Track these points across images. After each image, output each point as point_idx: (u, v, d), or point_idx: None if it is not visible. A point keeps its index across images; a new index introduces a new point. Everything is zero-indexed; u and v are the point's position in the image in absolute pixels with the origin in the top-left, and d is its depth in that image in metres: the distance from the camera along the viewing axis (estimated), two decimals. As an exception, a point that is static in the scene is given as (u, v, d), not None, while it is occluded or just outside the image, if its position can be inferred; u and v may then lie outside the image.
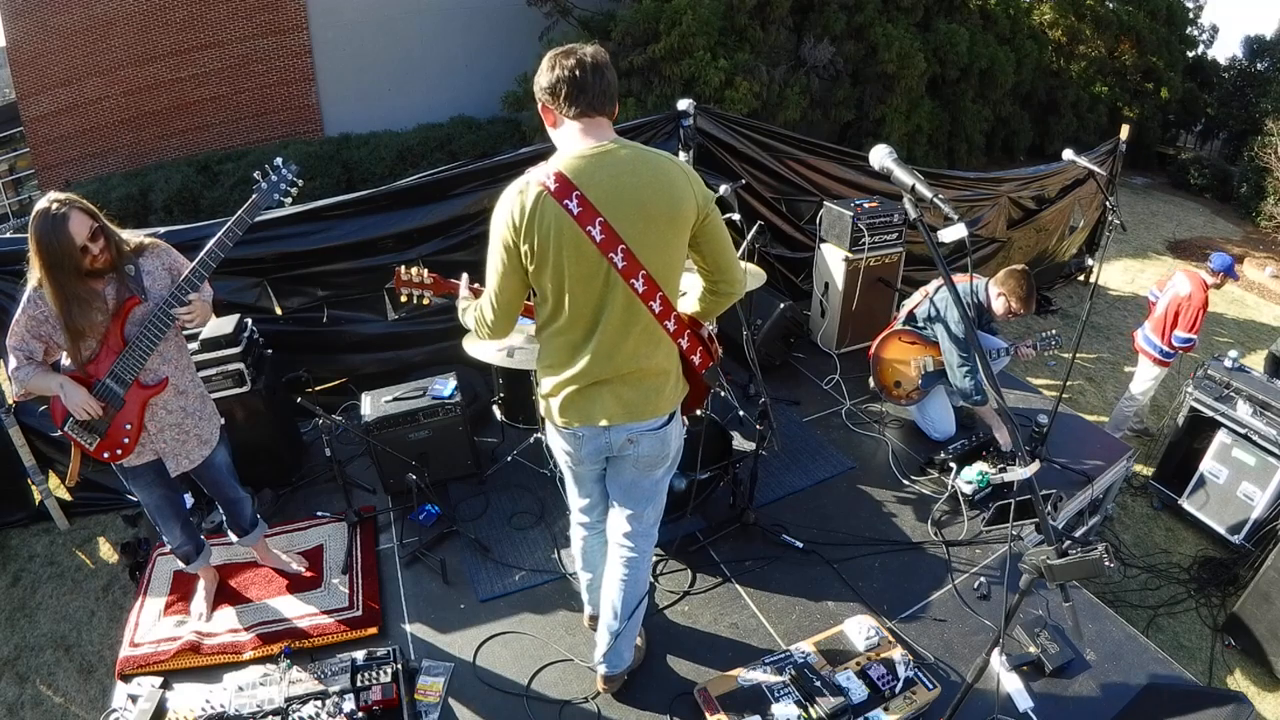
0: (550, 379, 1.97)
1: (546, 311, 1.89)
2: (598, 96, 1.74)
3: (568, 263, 1.76)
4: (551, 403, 2.00)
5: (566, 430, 2.03)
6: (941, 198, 1.44)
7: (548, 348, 1.96)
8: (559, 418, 2.00)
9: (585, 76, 1.71)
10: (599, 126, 1.78)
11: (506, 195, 1.77)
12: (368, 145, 9.92)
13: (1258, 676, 3.27)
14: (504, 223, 1.77)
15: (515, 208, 1.74)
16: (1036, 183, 6.30)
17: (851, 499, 3.43)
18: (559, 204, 1.71)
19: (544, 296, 1.86)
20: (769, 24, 9.64)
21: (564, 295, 1.82)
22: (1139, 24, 12.57)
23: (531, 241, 1.74)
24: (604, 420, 1.95)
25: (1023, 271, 3.44)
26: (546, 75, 1.75)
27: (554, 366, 1.95)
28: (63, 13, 9.62)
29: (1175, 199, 11.93)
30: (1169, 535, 4.13)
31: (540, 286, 1.84)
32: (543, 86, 1.76)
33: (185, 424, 2.42)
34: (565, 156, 1.75)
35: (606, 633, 2.34)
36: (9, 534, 3.87)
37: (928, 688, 2.42)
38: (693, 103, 4.41)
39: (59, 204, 2.02)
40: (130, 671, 2.54)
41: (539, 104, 1.81)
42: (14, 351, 2.17)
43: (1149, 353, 4.51)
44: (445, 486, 3.43)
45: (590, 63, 1.73)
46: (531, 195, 1.72)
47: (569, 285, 1.80)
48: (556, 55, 1.74)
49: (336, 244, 3.87)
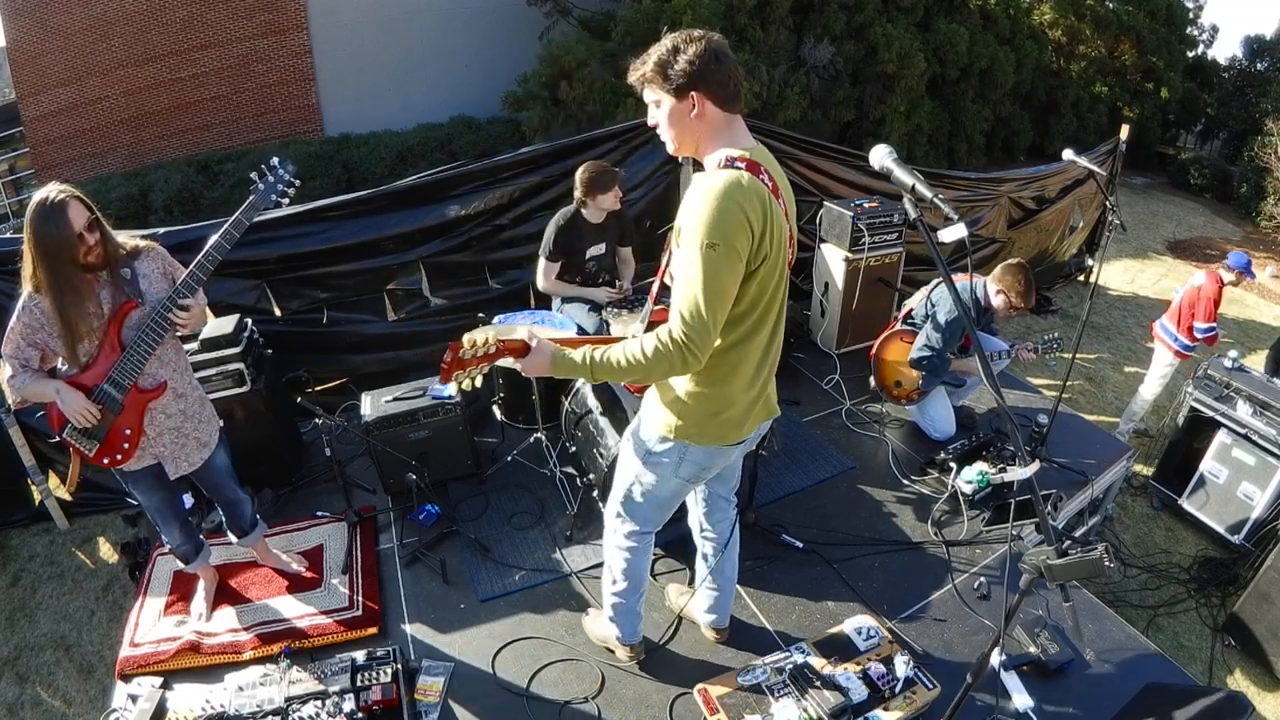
0: (732, 391, 1.81)
1: (746, 318, 1.73)
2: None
3: (778, 255, 1.69)
4: (726, 419, 1.85)
5: (733, 445, 1.92)
6: (941, 198, 1.44)
7: (732, 359, 1.77)
8: (736, 434, 1.88)
9: (741, 71, 1.68)
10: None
11: (726, 194, 1.55)
12: (368, 145, 9.92)
13: (1258, 676, 3.26)
14: (738, 224, 1.55)
15: (751, 203, 1.57)
16: (1036, 183, 6.30)
17: (851, 499, 3.43)
18: (772, 195, 1.64)
19: (747, 303, 1.70)
20: (769, 24, 9.64)
21: (764, 294, 1.71)
22: (1139, 24, 12.57)
23: (765, 236, 1.61)
24: (767, 417, 1.95)
25: (1019, 265, 3.43)
26: (715, 67, 1.61)
27: (739, 378, 1.80)
28: (63, 13, 9.63)
29: (1175, 199, 11.93)
30: (1169, 535, 4.13)
31: (746, 291, 1.68)
32: (711, 82, 1.63)
33: (184, 427, 2.41)
34: (739, 149, 1.67)
35: (726, 594, 2.53)
36: (9, 534, 3.87)
37: (928, 688, 2.42)
38: (693, 103, 4.40)
39: (58, 192, 2.03)
40: (130, 671, 2.54)
41: (687, 96, 1.63)
42: (10, 360, 2.16)
43: (1165, 340, 4.57)
44: (445, 486, 3.43)
45: (732, 55, 1.67)
46: (757, 186, 1.60)
47: (774, 280, 1.71)
48: (709, 44, 1.62)
49: (336, 245, 3.87)
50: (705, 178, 1.62)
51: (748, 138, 1.74)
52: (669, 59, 1.63)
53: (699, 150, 1.72)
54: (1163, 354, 4.61)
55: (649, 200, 4.57)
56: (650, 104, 1.73)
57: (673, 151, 1.77)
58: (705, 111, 1.66)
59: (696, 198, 1.59)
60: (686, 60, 1.60)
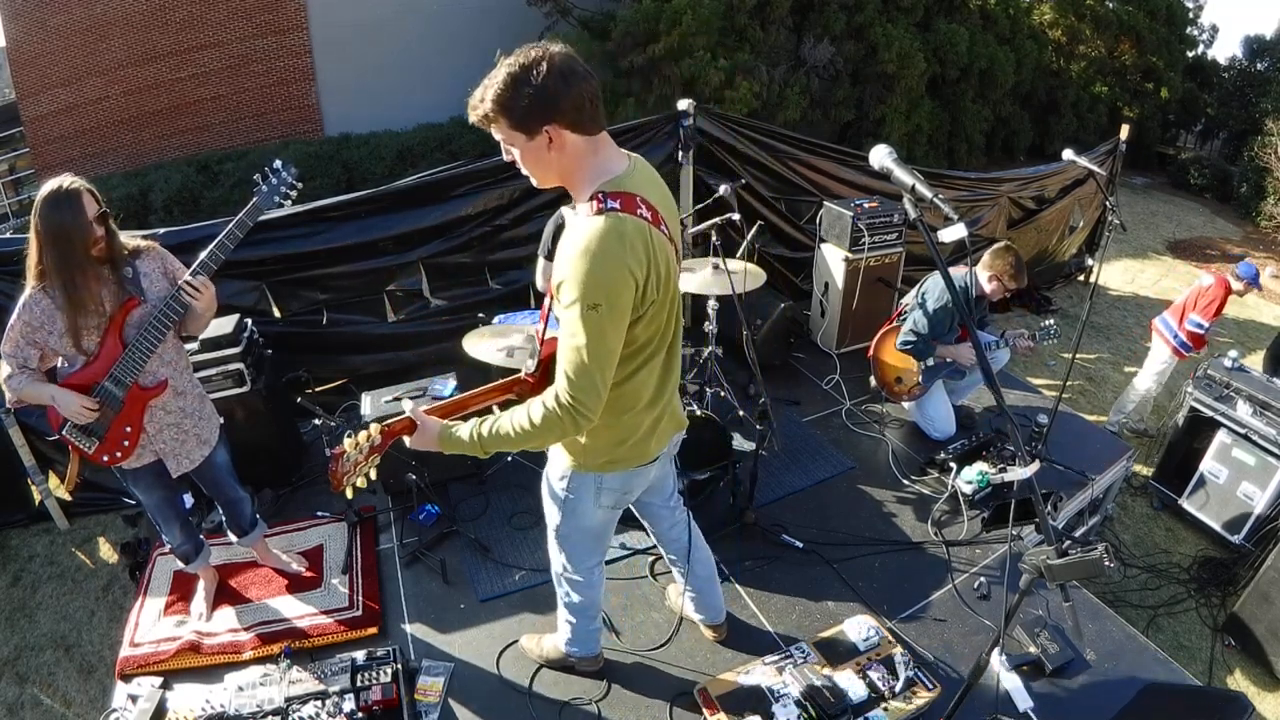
0: (635, 418, 1.76)
1: (641, 353, 1.66)
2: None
3: (667, 287, 1.61)
4: (634, 443, 1.80)
5: (649, 464, 1.89)
6: (941, 198, 1.44)
7: (632, 389, 1.71)
8: (647, 454, 1.85)
9: (596, 82, 1.50)
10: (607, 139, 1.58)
11: (606, 252, 1.44)
12: (368, 145, 9.92)
13: (1258, 676, 3.26)
14: (621, 281, 1.47)
15: (634, 254, 1.47)
16: (1036, 183, 6.30)
17: (851, 499, 3.43)
18: (653, 226, 1.53)
19: (640, 342, 1.64)
20: (769, 24, 9.65)
21: (657, 328, 1.65)
22: (1139, 24, 12.57)
23: (650, 280, 1.53)
24: (676, 429, 1.91)
25: (1006, 247, 3.45)
26: (563, 92, 1.42)
27: (640, 404, 1.75)
28: (63, 13, 9.63)
29: (1175, 199, 11.93)
30: (1169, 535, 4.13)
31: (636, 334, 1.61)
32: (564, 110, 1.44)
33: (184, 424, 2.42)
34: (611, 176, 1.55)
35: (708, 594, 2.55)
36: (9, 534, 3.87)
37: (928, 688, 2.42)
38: (692, 103, 4.40)
39: (72, 182, 2.05)
40: (130, 671, 2.54)
41: (539, 131, 1.45)
42: (8, 359, 2.16)
43: (1165, 336, 4.58)
44: (445, 486, 3.43)
45: (584, 66, 1.48)
46: (638, 229, 1.49)
47: (665, 312, 1.65)
48: (552, 64, 1.42)
49: (336, 245, 3.86)
50: (582, 230, 1.47)
51: (619, 158, 1.59)
52: (508, 93, 1.43)
53: (566, 184, 1.58)
54: (1160, 350, 4.63)
55: (649, 200, 4.56)
56: (501, 143, 1.55)
57: (539, 186, 1.62)
58: (564, 143, 1.48)
59: (576, 256, 1.45)
60: (530, 91, 1.41)
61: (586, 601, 2.28)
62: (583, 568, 2.16)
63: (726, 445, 3.19)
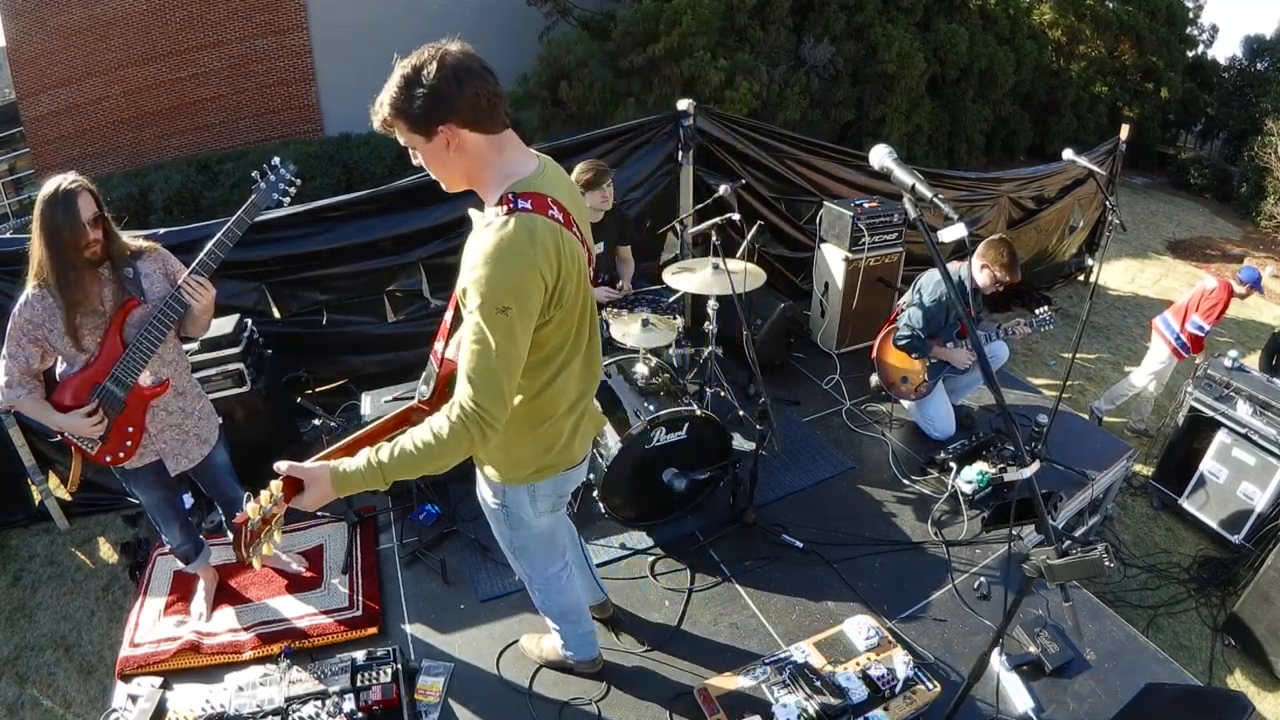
0: (556, 426, 1.74)
1: (555, 358, 1.64)
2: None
3: (579, 289, 1.59)
4: (560, 448, 1.79)
5: (578, 467, 1.88)
6: (941, 198, 1.44)
7: (549, 397, 1.69)
8: (573, 457, 1.83)
9: (495, 80, 1.46)
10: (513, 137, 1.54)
11: (515, 254, 1.41)
12: (368, 145, 9.91)
13: (1258, 676, 3.26)
14: (532, 283, 1.44)
15: (545, 256, 1.45)
16: (1036, 183, 6.30)
17: (851, 499, 3.43)
18: (565, 228, 1.51)
19: (552, 346, 1.61)
20: (769, 24, 9.65)
21: (569, 331, 1.63)
22: (1139, 24, 12.58)
23: (560, 281, 1.50)
24: (596, 428, 1.90)
25: (1000, 239, 3.44)
26: (456, 91, 1.40)
27: (560, 410, 1.73)
28: (63, 13, 9.63)
29: (1175, 199, 11.93)
30: (1169, 535, 4.13)
31: (548, 337, 1.59)
32: (459, 109, 1.41)
33: (185, 424, 2.42)
34: (519, 176, 1.52)
35: (587, 574, 2.54)
36: (9, 534, 3.87)
37: (928, 688, 2.42)
38: (692, 103, 4.40)
39: (71, 181, 2.05)
40: (130, 671, 2.54)
41: (436, 132, 1.43)
42: (7, 359, 2.16)
43: (1165, 335, 4.61)
44: (445, 486, 3.43)
45: (481, 63, 1.45)
46: (549, 230, 1.47)
47: (577, 313, 1.63)
48: (445, 62, 1.40)
49: (336, 246, 3.86)
50: (490, 231, 1.43)
51: (527, 158, 1.56)
52: (402, 95, 1.42)
53: (473, 185, 1.55)
54: (1159, 348, 4.64)
55: (649, 200, 4.57)
56: (407, 147, 1.52)
57: (447, 190, 1.60)
58: (463, 143, 1.45)
59: (483, 259, 1.41)
60: (423, 92, 1.39)
61: (565, 606, 2.28)
62: (547, 573, 2.16)
63: (726, 445, 3.19)
